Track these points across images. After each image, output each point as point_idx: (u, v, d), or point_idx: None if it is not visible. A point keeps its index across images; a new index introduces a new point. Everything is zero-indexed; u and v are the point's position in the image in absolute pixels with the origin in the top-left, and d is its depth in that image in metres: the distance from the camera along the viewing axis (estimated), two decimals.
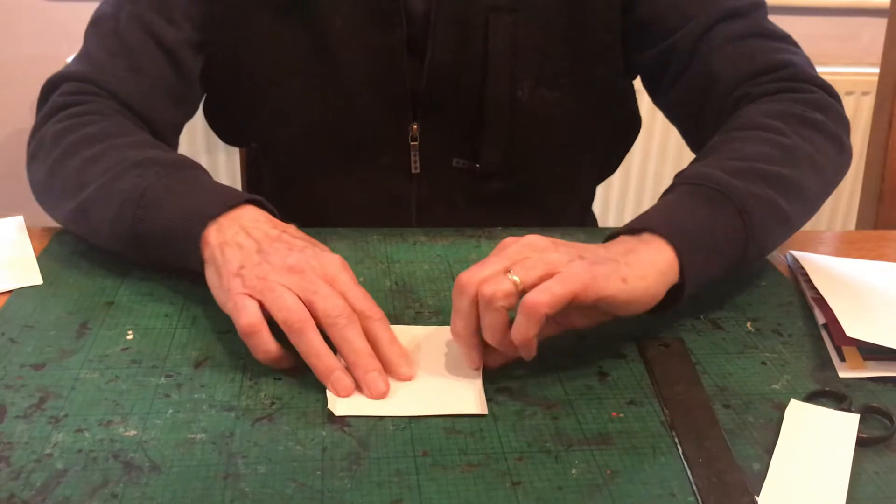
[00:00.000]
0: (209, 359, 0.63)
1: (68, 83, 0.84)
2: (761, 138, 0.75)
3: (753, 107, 0.80)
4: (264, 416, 0.57)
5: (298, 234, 0.69)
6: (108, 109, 0.82)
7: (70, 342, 0.64)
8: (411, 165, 0.91)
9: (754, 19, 0.86)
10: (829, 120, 0.79)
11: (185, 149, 1.90)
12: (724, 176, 0.69)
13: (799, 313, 0.73)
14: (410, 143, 0.90)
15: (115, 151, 0.75)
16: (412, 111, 0.89)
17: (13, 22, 2.00)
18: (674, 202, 0.70)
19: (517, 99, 0.88)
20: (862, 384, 0.63)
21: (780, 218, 0.72)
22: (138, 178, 0.71)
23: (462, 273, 0.61)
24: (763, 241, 0.70)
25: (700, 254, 0.65)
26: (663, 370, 0.63)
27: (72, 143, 0.77)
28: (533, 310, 0.58)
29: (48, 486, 0.50)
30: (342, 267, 0.65)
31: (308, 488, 0.51)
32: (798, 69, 0.83)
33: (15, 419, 0.56)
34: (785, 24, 0.90)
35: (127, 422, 0.56)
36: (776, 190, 0.71)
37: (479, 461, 0.54)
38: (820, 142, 0.77)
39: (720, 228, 0.67)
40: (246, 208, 0.69)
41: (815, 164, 0.76)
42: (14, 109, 2.04)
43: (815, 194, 0.76)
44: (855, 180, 2.22)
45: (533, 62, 0.87)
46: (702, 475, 0.53)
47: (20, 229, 0.82)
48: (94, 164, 0.74)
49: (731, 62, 0.84)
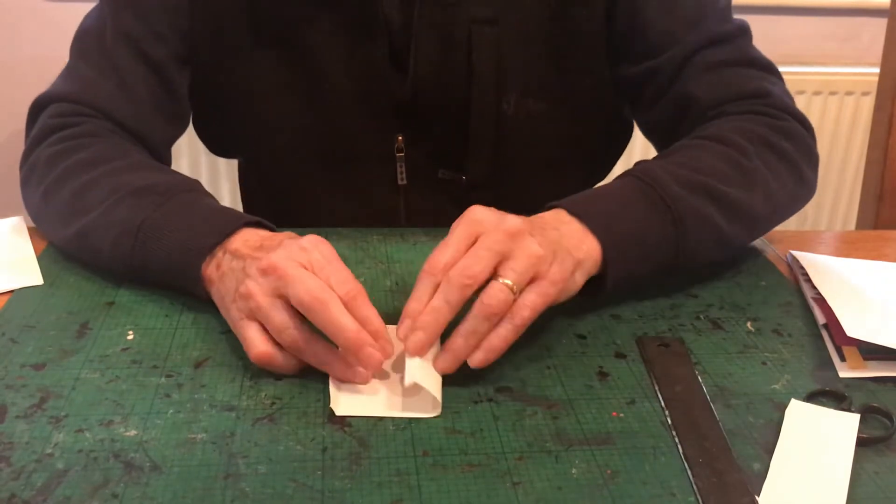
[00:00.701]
0: (210, 359, 0.63)
1: (58, 104, 0.83)
2: (722, 154, 0.76)
3: (725, 121, 0.81)
4: (265, 416, 0.57)
5: (283, 236, 0.67)
6: (102, 130, 0.81)
7: (70, 342, 0.65)
8: (398, 177, 0.91)
9: (738, 46, 0.86)
10: (795, 150, 0.80)
11: (186, 151, 1.89)
12: (673, 184, 0.71)
13: (799, 313, 0.73)
14: (396, 154, 0.90)
15: (112, 177, 0.74)
16: (397, 123, 0.89)
17: (13, 22, 2.00)
18: (618, 195, 0.72)
19: (503, 111, 0.87)
20: (862, 384, 0.63)
21: (717, 237, 0.73)
22: (135, 208, 0.70)
23: (437, 254, 0.61)
24: (693, 256, 0.72)
25: (626, 255, 0.68)
26: (663, 370, 0.63)
27: (66, 168, 0.76)
28: (523, 321, 0.60)
29: (49, 486, 0.50)
30: (314, 245, 0.62)
31: (308, 488, 0.51)
32: (775, 98, 0.84)
33: (15, 419, 0.56)
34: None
35: (127, 422, 0.56)
36: (720, 209, 0.73)
37: (480, 461, 0.54)
38: (780, 169, 0.78)
39: (653, 236, 0.70)
40: (241, 233, 0.68)
41: (769, 190, 0.77)
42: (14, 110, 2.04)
43: (764, 218, 0.78)
44: (855, 180, 2.23)
45: (518, 75, 0.87)
46: (702, 475, 0.53)
47: (20, 230, 0.82)
48: (91, 191, 0.73)
49: (709, 87, 0.84)
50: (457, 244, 0.62)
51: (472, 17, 0.84)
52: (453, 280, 0.60)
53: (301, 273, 0.60)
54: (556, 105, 0.89)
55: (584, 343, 0.67)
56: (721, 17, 0.87)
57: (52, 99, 0.83)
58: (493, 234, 0.62)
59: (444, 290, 0.60)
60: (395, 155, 0.90)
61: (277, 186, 0.96)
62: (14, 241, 0.80)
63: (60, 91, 0.84)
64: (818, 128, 2.16)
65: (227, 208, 0.72)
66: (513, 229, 0.62)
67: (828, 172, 2.23)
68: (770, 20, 2.08)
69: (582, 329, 0.69)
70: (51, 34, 2.01)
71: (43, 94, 0.85)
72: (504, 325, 0.60)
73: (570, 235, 0.67)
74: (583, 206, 0.69)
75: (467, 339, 0.60)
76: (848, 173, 2.23)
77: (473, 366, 0.59)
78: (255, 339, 0.61)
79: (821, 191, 2.25)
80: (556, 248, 0.64)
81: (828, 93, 2.12)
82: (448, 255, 0.61)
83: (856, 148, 2.20)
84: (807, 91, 2.10)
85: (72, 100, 0.82)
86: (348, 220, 0.90)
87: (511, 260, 0.61)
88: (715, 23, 0.86)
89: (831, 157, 2.21)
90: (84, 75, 0.84)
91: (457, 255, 0.61)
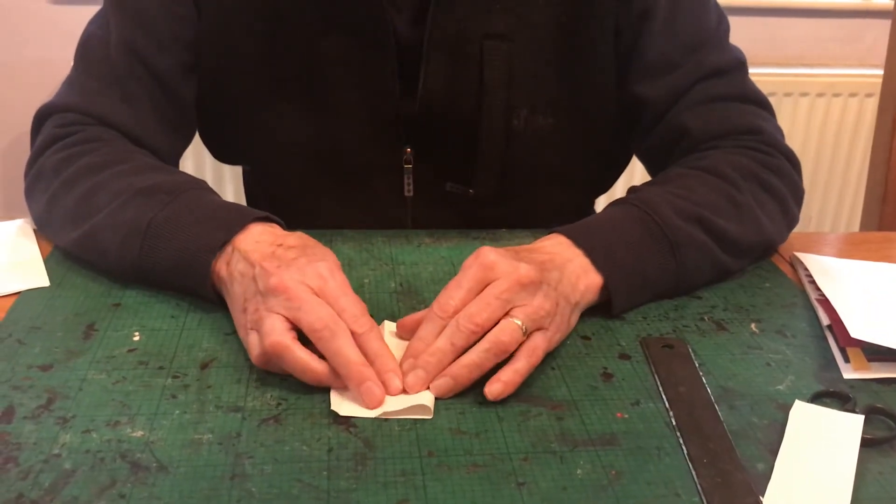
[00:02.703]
0: (216, 360, 0.63)
1: (62, 114, 0.83)
2: (716, 186, 0.79)
3: (720, 154, 0.83)
4: (270, 417, 0.57)
5: (295, 243, 0.67)
6: (107, 135, 0.81)
7: (77, 343, 0.65)
8: (405, 189, 0.91)
9: (734, 79, 0.88)
10: (782, 185, 0.83)
11: (191, 156, 1.90)
12: (672, 215, 0.74)
13: (803, 314, 0.73)
14: (404, 166, 0.90)
15: (118, 179, 0.74)
16: (405, 135, 0.88)
17: (17, 25, 2.00)
18: (619, 226, 0.73)
19: (513, 127, 0.87)
20: (866, 385, 0.63)
21: (712, 264, 0.76)
22: (143, 207, 0.70)
23: (446, 295, 0.62)
24: (692, 283, 0.75)
25: (628, 287, 0.71)
26: (668, 371, 0.64)
27: (73, 172, 0.76)
28: (538, 360, 0.62)
29: (56, 486, 0.51)
30: (330, 273, 0.63)
31: (314, 488, 0.51)
32: (767, 135, 0.85)
33: (23, 420, 0.56)
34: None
35: (134, 422, 0.56)
36: (715, 239, 0.75)
37: (485, 461, 0.54)
38: (769, 205, 0.81)
39: (653, 266, 0.72)
40: (251, 229, 0.68)
41: (759, 224, 0.79)
42: (19, 112, 2.05)
43: (752, 248, 0.80)
44: (858, 182, 2.23)
45: (528, 90, 0.87)
46: (706, 475, 0.53)
47: (27, 231, 0.82)
48: (97, 194, 0.73)
49: (703, 121, 0.86)
50: (468, 287, 0.63)
51: (485, 32, 0.83)
52: (461, 325, 0.61)
53: (313, 300, 0.61)
54: (565, 120, 0.89)
55: (589, 344, 0.67)
56: (719, 46, 0.88)
57: (57, 109, 0.83)
58: (504, 283, 0.62)
59: (451, 334, 0.61)
60: (402, 167, 0.90)
61: (282, 194, 0.95)
62: (20, 242, 0.80)
63: (65, 102, 0.84)
64: (822, 129, 2.17)
65: (235, 204, 0.73)
66: (525, 279, 0.63)
67: (831, 174, 2.23)
68: (774, 22, 2.08)
69: (586, 330, 0.69)
70: (53, 37, 2.01)
71: (46, 104, 0.84)
72: (521, 361, 0.61)
73: (572, 272, 0.68)
74: (587, 239, 0.71)
75: (471, 370, 0.60)
76: (851, 175, 2.23)
77: (492, 398, 0.59)
78: (256, 344, 0.61)
79: (824, 192, 2.25)
80: (558, 297, 0.65)
81: (831, 94, 2.12)
82: (458, 298, 0.62)
83: (859, 150, 2.19)
84: (810, 93, 2.10)
85: (76, 110, 0.82)
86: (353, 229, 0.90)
87: (521, 308, 0.62)
88: (713, 52, 0.87)
89: (835, 158, 2.20)
90: (87, 85, 0.84)
91: (466, 299, 0.62)
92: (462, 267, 0.64)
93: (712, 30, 0.88)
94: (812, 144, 2.19)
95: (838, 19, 2.15)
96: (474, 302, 0.62)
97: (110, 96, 0.83)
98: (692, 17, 0.87)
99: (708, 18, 0.88)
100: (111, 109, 0.82)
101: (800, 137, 2.17)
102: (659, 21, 0.85)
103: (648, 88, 0.87)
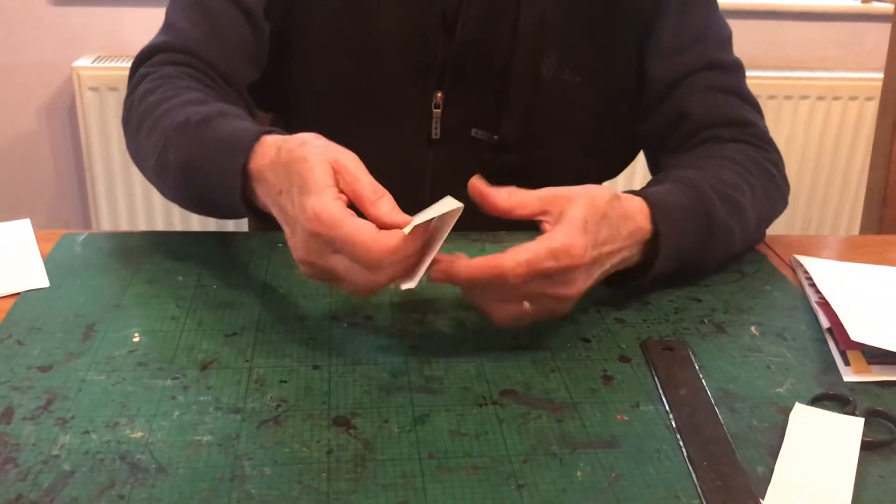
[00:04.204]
0: (215, 361, 0.63)
1: (158, 55, 0.88)
2: (737, 172, 0.83)
3: (726, 146, 0.88)
4: (270, 419, 0.57)
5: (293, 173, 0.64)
6: (176, 72, 0.85)
7: (77, 344, 0.65)
8: (432, 132, 0.94)
9: (734, 78, 0.93)
10: (780, 177, 0.89)
11: None
12: (715, 198, 0.77)
13: (803, 317, 0.73)
14: (434, 109, 0.93)
15: (165, 117, 0.78)
16: (438, 80, 0.92)
17: (19, 27, 2.01)
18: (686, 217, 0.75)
19: (541, 75, 0.91)
20: (866, 388, 0.63)
21: (729, 245, 0.79)
22: (178, 146, 0.75)
23: (512, 260, 0.62)
24: (707, 261, 0.78)
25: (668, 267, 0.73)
26: (668, 373, 0.64)
27: (142, 111, 0.81)
28: None
29: (55, 487, 0.51)
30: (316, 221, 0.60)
31: (314, 490, 0.51)
32: (760, 129, 0.91)
33: (22, 420, 0.56)
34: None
35: (133, 423, 0.56)
36: (739, 221, 0.79)
37: (485, 464, 0.54)
38: (772, 192, 0.86)
39: (693, 243, 0.75)
40: (262, 149, 0.68)
41: (763, 209, 0.84)
42: (19, 114, 2.05)
43: (754, 233, 0.84)
44: (858, 185, 2.23)
45: (558, 41, 0.91)
46: (706, 478, 0.53)
47: (27, 232, 0.82)
48: (152, 135, 0.78)
49: (704, 106, 0.91)
50: (542, 268, 0.62)
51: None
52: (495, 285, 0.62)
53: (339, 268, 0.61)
54: (591, 80, 0.93)
55: (589, 346, 0.67)
56: (723, 46, 0.94)
57: (153, 51, 0.89)
58: (556, 290, 0.64)
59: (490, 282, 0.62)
60: (431, 110, 0.93)
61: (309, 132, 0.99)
62: (20, 243, 0.80)
63: (158, 42, 0.89)
64: (822, 132, 2.17)
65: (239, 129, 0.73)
66: (574, 293, 0.65)
67: (832, 177, 2.23)
68: (775, 25, 2.08)
69: (586, 333, 0.69)
70: (56, 39, 2.02)
71: (144, 47, 0.90)
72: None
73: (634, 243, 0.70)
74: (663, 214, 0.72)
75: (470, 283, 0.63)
76: (851, 178, 2.23)
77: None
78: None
79: (824, 196, 2.25)
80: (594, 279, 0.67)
81: (832, 98, 2.12)
82: (521, 269, 0.62)
83: (859, 153, 2.20)
84: (811, 96, 2.10)
85: (169, 49, 0.88)
86: (373, 173, 0.91)
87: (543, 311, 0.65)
88: (718, 48, 0.93)
89: (835, 162, 2.21)
90: (179, 26, 0.89)
91: (525, 273, 0.62)
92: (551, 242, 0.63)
93: (718, 31, 0.94)
94: (812, 147, 2.19)
95: (839, 23, 2.15)
96: (526, 278, 0.62)
97: (198, 32, 0.88)
98: (702, 14, 0.93)
99: (716, 20, 0.94)
100: (200, 43, 0.88)
101: (800, 140, 2.17)
102: (674, 14, 0.91)
103: (654, 69, 0.92)
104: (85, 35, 2.03)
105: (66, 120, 2.05)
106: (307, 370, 0.63)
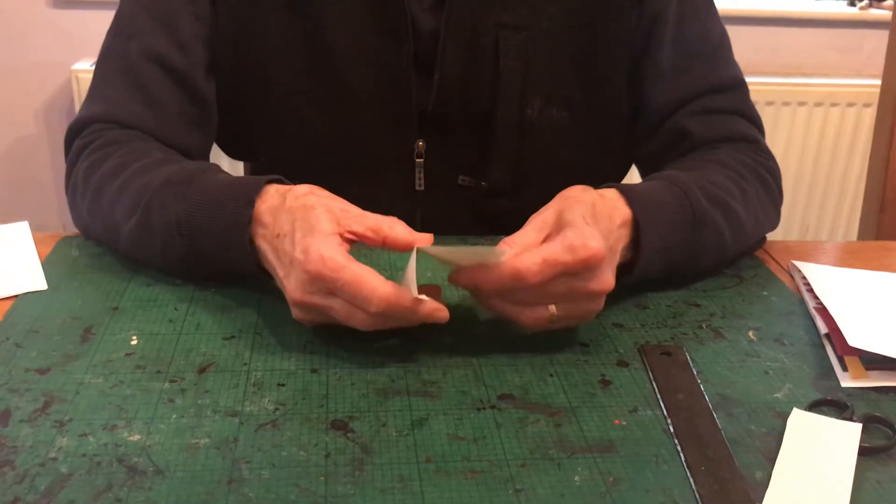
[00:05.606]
0: (213, 364, 0.63)
1: (90, 126, 0.84)
2: (728, 176, 0.82)
3: (724, 151, 0.87)
4: (268, 422, 0.57)
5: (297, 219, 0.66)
6: (124, 136, 0.82)
7: (74, 347, 0.65)
8: (416, 182, 0.91)
9: (734, 96, 0.91)
10: (775, 185, 0.88)
11: None
12: (701, 198, 0.76)
13: (801, 323, 0.73)
14: (416, 159, 0.90)
15: (136, 179, 0.75)
16: (418, 128, 0.89)
17: (19, 29, 2.01)
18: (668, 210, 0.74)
19: (527, 118, 0.88)
20: (864, 393, 0.63)
21: (721, 250, 0.79)
22: (165, 205, 0.71)
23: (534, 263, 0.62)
24: (697, 261, 0.77)
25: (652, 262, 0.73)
26: (665, 378, 0.64)
27: (98, 180, 0.78)
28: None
29: (53, 489, 0.50)
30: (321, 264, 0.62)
31: (311, 494, 0.51)
32: (761, 145, 0.90)
33: (20, 423, 0.56)
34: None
35: (131, 426, 0.56)
36: (729, 224, 0.78)
37: (482, 468, 0.54)
38: (765, 200, 0.85)
39: (677, 244, 0.74)
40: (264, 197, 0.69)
41: (758, 215, 0.83)
42: (20, 115, 2.05)
43: (749, 238, 0.83)
44: (856, 191, 2.23)
45: (543, 81, 0.88)
46: (704, 483, 0.53)
47: (25, 234, 0.82)
48: (121, 200, 0.75)
49: (704, 127, 0.89)
50: (559, 264, 0.62)
51: (501, 22, 0.85)
52: (517, 290, 0.63)
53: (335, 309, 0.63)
54: (579, 114, 0.90)
55: (587, 351, 0.67)
56: (724, 61, 0.91)
57: (85, 122, 0.85)
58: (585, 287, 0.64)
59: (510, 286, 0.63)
60: (413, 160, 0.90)
61: None
62: (19, 246, 0.80)
63: (91, 114, 0.85)
64: (820, 138, 2.18)
65: (242, 178, 0.73)
66: (603, 287, 0.65)
67: (829, 183, 2.23)
68: (773, 32, 2.09)
69: (584, 337, 0.69)
70: (56, 41, 2.02)
71: (75, 119, 0.86)
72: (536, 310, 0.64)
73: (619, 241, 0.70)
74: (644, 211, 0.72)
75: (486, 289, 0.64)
76: (849, 184, 2.24)
77: None
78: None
79: (822, 202, 2.26)
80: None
81: (829, 104, 2.13)
82: (537, 267, 0.62)
83: (857, 159, 2.20)
84: (808, 102, 2.11)
85: (102, 119, 0.84)
86: None
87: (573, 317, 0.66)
88: (719, 66, 0.91)
89: (832, 168, 2.21)
90: (110, 95, 0.85)
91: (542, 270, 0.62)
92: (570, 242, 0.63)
93: (718, 41, 0.91)
94: (810, 153, 2.19)
95: (837, 29, 2.16)
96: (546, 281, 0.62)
97: (132, 102, 0.84)
98: (701, 26, 0.90)
99: (715, 28, 0.91)
100: (135, 114, 0.84)
101: (798, 146, 2.17)
102: (670, 26, 0.88)
103: (654, 93, 0.90)
104: (84, 38, 2.03)
105: (65, 122, 2.04)
106: (305, 374, 0.63)
